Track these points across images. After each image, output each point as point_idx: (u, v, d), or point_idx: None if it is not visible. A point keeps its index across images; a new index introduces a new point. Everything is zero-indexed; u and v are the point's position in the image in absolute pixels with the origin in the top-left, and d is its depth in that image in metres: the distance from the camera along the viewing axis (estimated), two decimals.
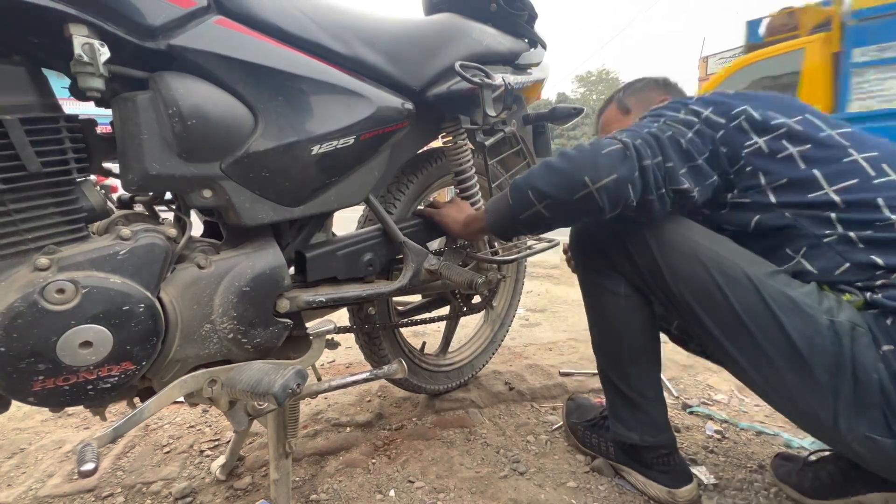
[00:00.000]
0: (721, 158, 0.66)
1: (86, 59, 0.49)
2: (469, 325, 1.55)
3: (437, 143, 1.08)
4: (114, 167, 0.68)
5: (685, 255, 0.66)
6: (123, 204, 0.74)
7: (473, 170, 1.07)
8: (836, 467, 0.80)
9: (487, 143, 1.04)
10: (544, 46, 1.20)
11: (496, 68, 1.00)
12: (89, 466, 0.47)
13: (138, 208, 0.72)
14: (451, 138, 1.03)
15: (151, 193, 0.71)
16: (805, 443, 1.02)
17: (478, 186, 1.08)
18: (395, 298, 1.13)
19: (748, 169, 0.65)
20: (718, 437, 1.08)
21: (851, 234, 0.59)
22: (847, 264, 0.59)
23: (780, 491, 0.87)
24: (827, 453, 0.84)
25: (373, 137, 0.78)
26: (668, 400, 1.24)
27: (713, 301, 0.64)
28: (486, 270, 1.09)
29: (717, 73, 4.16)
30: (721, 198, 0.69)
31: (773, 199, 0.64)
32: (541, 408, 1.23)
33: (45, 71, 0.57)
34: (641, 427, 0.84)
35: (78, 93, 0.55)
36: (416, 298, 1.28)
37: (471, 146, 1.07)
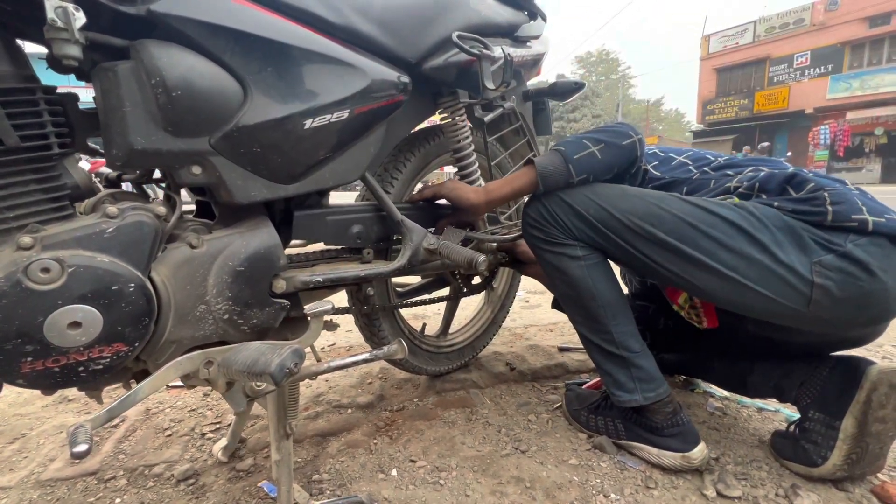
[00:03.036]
0: None
1: (59, 23, 0.46)
2: (470, 306, 1.54)
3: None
4: (100, 146, 0.65)
5: (622, 196, 0.84)
6: (111, 183, 0.71)
7: (472, 147, 1.04)
8: (820, 424, 0.82)
9: (486, 118, 1.01)
10: (544, 18, 1.16)
11: (495, 40, 0.97)
12: (82, 448, 0.46)
13: (126, 187, 0.70)
14: (448, 115, 1.00)
15: (139, 171, 0.68)
16: None
17: (477, 164, 1.06)
18: (394, 279, 1.12)
19: (640, 163, 0.94)
20: (720, 413, 1.08)
21: (706, 168, 0.92)
22: (713, 181, 0.88)
23: (781, 466, 0.87)
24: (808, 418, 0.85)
25: (368, 111, 0.76)
26: (671, 380, 1.24)
27: (659, 216, 0.79)
28: (486, 250, 1.07)
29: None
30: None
31: (657, 173, 0.95)
32: (542, 387, 1.23)
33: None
34: (639, 385, 0.87)
35: (55, 63, 0.53)
36: (416, 280, 1.27)
37: (469, 123, 1.04)
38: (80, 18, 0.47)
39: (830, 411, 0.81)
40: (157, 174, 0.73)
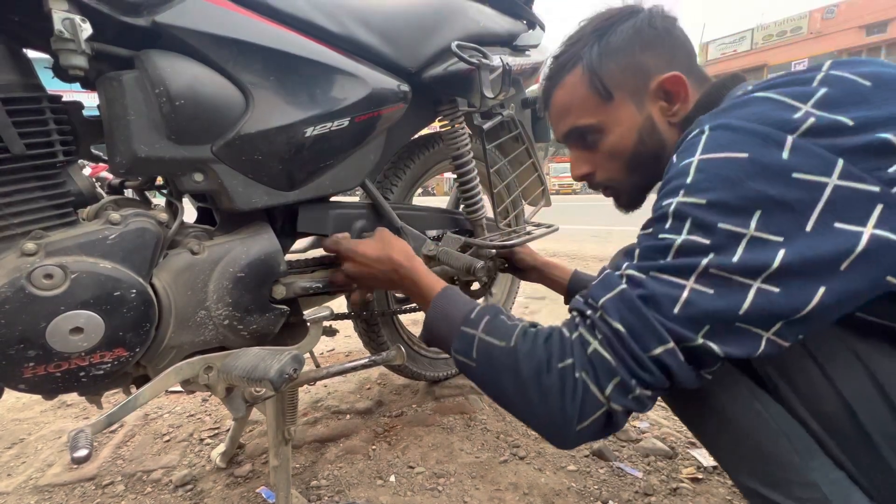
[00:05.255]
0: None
1: (66, 35, 0.47)
2: None
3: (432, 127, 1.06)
4: (103, 153, 0.66)
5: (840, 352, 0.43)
6: (113, 189, 0.72)
7: (471, 154, 1.05)
8: None
9: (485, 126, 1.02)
10: (543, 28, 1.18)
11: (494, 49, 0.98)
12: (82, 453, 0.46)
13: (128, 193, 0.70)
14: (448, 122, 1.01)
15: (141, 178, 0.69)
16: None
17: (476, 171, 1.07)
18: None
19: None
20: None
21: None
22: None
23: None
24: None
25: (368, 120, 0.77)
26: None
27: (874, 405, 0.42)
28: (485, 257, 1.08)
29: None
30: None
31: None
32: None
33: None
34: None
35: (61, 73, 0.54)
36: None
37: (468, 130, 1.05)
38: (86, 30, 0.48)
39: None
40: (159, 181, 0.74)
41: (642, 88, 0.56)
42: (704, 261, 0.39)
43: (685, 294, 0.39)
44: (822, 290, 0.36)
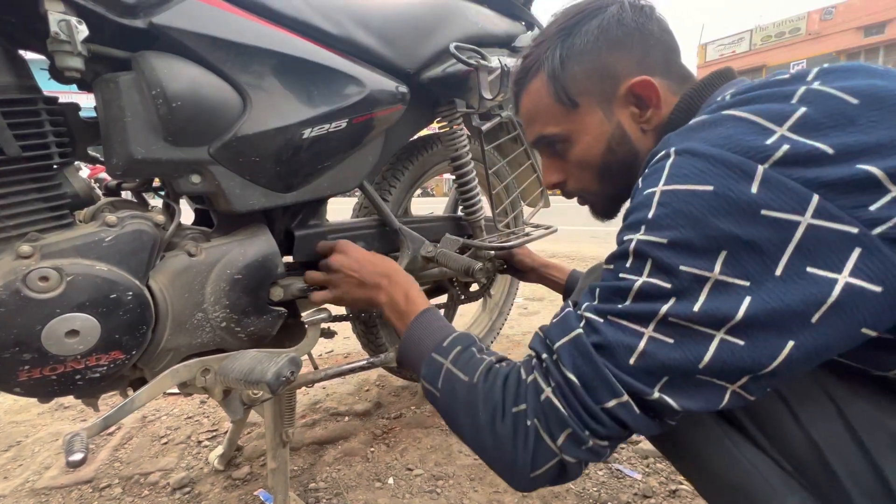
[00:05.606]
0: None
1: (63, 36, 0.47)
2: (467, 313, 1.54)
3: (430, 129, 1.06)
4: (99, 154, 0.66)
5: (813, 398, 0.42)
6: (110, 191, 0.72)
7: (470, 156, 1.05)
8: None
9: (484, 127, 1.02)
10: (542, 29, 1.18)
11: (492, 50, 0.98)
12: (77, 457, 0.46)
13: (126, 195, 0.70)
14: (446, 123, 1.01)
15: (138, 180, 0.69)
16: None
17: (475, 172, 1.07)
18: None
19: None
20: None
21: None
22: None
23: None
24: None
25: (366, 121, 0.76)
26: None
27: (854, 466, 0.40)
28: (483, 258, 1.08)
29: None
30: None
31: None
32: None
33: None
34: None
35: (57, 74, 0.53)
36: None
37: (467, 132, 1.05)
38: (82, 31, 0.48)
39: None
40: (156, 182, 0.74)
41: (610, 94, 0.52)
42: (664, 308, 0.36)
43: (642, 344, 0.37)
44: (790, 344, 0.33)
